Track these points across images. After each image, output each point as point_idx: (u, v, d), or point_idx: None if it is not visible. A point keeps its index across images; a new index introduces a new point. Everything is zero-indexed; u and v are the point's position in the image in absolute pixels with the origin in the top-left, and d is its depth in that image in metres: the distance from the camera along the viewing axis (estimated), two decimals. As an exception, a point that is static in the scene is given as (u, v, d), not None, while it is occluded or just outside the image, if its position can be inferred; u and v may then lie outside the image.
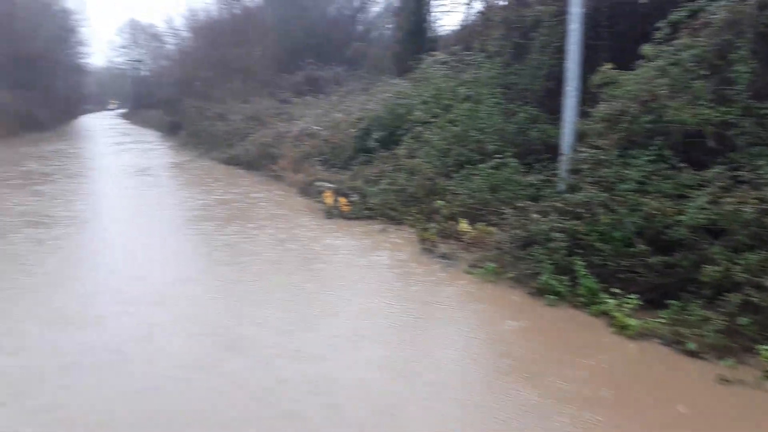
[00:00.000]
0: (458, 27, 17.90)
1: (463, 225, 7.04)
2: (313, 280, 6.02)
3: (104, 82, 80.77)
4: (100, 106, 78.07)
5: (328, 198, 9.04)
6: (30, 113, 29.68)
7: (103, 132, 32.81)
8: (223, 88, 21.82)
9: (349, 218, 8.55)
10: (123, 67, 72.30)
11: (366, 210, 8.60)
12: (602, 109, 6.54)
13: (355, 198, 8.90)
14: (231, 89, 21.53)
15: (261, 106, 17.75)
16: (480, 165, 7.75)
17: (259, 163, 13.49)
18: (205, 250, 7.28)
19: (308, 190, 10.44)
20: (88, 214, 9.34)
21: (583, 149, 6.43)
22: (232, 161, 15.25)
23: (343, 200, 8.87)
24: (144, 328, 4.67)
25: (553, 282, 5.30)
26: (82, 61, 54.55)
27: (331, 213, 8.70)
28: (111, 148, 22.21)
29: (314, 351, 4.31)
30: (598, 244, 5.31)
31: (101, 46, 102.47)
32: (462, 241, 6.95)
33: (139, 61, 63.89)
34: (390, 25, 24.90)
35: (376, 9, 26.51)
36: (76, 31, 48.88)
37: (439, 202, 7.61)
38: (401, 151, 9.67)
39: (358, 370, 4.05)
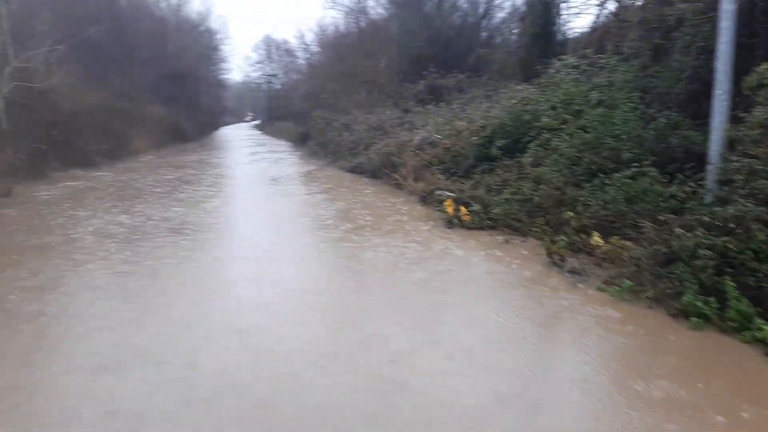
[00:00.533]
0: (589, 29, 17.13)
1: (596, 238, 6.66)
2: (433, 292, 5.88)
3: (241, 95, 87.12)
4: (237, 118, 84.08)
5: (449, 207, 8.93)
6: (177, 126, 32.68)
7: (240, 142, 35.03)
8: (349, 99, 22.58)
9: (470, 228, 8.39)
10: (258, 81, 77.42)
11: (488, 220, 8.40)
12: (758, 114, 5.99)
13: (476, 207, 8.71)
14: (356, 100, 22.23)
15: (384, 116, 18.06)
16: (614, 174, 7.28)
17: (381, 171, 13.71)
18: (332, 257, 7.33)
19: (429, 199, 10.41)
20: (225, 221, 9.84)
21: (736, 158, 5.87)
22: (357, 170, 15.65)
23: (464, 209, 8.72)
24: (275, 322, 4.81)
25: (699, 303, 4.85)
26: (223, 76, 59.13)
27: (452, 222, 8.58)
28: (247, 157, 23.56)
29: (430, 367, 4.14)
30: (752, 264, 4.82)
31: (239, 62, 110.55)
32: (594, 256, 6.55)
33: (272, 75, 68.07)
34: (515, 30, 24.41)
35: (500, 15, 26.17)
36: (219, 49, 53.06)
37: (568, 213, 7.22)
38: (526, 159, 9.35)
39: (476, 397, 3.77)
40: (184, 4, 45.75)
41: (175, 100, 37.30)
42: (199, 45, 46.72)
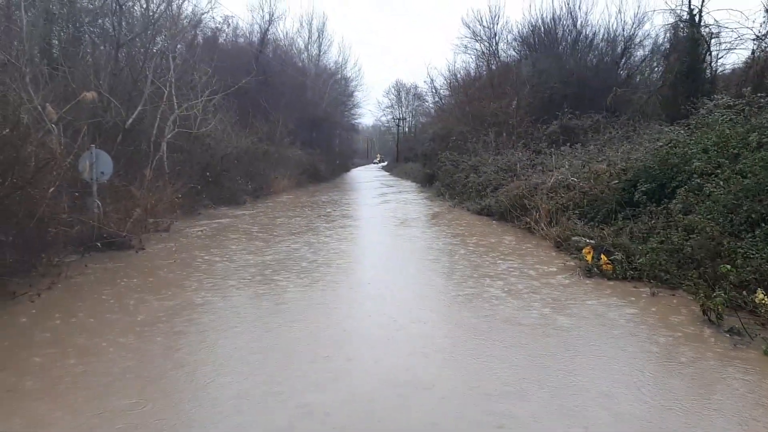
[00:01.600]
0: (743, 65, 15.79)
1: (761, 296, 5.98)
2: (565, 349, 5.39)
3: (371, 138, 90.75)
4: (366, 159, 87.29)
5: (588, 255, 8.52)
6: (313, 167, 34.58)
7: (369, 183, 36.19)
8: (477, 141, 22.61)
9: (612, 279, 7.88)
10: (387, 124, 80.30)
11: (631, 270, 7.86)
12: None
13: (618, 256, 8.17)
14: (485, 142, 22.22)
15: (514, 157, 17.81)
16: (781, 225, 6.71)
17: (511, 214, 13.43)
18: (458, 301, 7.02)
19: (564, 245, 10.03)
20: (355, 262, 9.92)
21: None
22: (484, 212, 15.51)
23: (604, 258, 8.24)
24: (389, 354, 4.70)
25: None
26: (355, 121, 61.90)
27: (591, 271, 8.13)
28: (375, 198, 24.06)
29: None
30: None
31: (370, 107, 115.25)
32: (759, 316, 5.91)
33: (401, 119, 70.24)
34: (658, 68, 23.14)
35: (640, 53, 24.97)
36: (353, 96, 55.82)
37: (726, 266, 6.49)
38: (675, 205, 8.71)
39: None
40: (323, 54, 49.19)
41: (312, 143, 39.85)
42: (335, 92, 49.59)
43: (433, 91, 40.75)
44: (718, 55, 18.12)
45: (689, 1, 17.60)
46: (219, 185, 18.55)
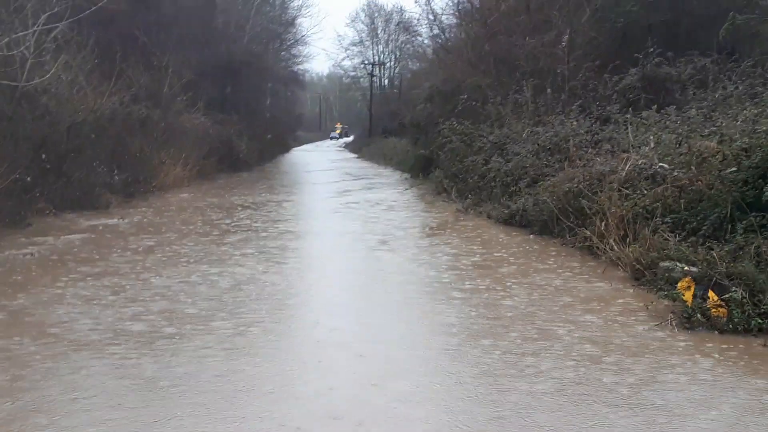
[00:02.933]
0: None
1: None
2: None
3: (326, 96, 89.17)
4: (320, 132, 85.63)
5: (687, 292, 7.97)
6: (228, 146, 31.03)
7: (322, 174, 33.49)
8: (504, 101, 20.76)
9: (726, 331, 7.41)
10: (354, 74, 77.66)
11: (759, 317, 7.48)
12: None
13: (736, 294, 7.70)
14: (516, 103, 20.29)
15: (565, 129, 16.71)
16: None
17: (559, 224, 12.91)
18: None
19: (647, 274, 9.36)
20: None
21: None
22: (514, 220, 14.58)
23: (713, 297, 7.73)
24: None
25: None
26: (299, 68, 57.86)
27: (692, 318, 7.61)
28: (332, 199, 21.92)
29: None
30: None
31: (325, 44, 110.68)
32: None
33: (378, 64, 68.17)
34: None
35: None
36: (295, 25, 46.77)
37: None
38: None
39: None
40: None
41: (226, 105, 34.89)
42: (264, 18, 43.28)
43: (431, 18, 34.36)
44: None
45: None
46: (64, 176, 16.51)
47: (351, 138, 76.98)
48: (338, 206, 20.48)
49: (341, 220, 17.62)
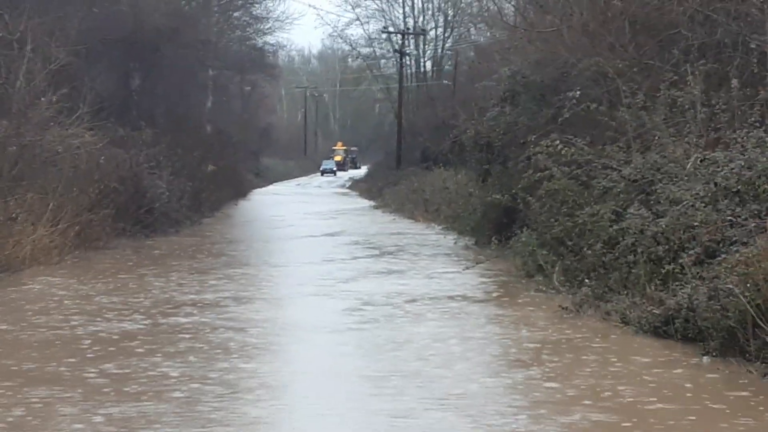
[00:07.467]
0: None
1: None
2: None
3: (319, 93, 51.08)
4: (307, 160, 51.27)
5: None
6: (135, 185, 21.45)
7: (313, 246, 23.39)
8: (650, 105, 14.54)
9: None
10: (367, 52, 46.61)
11: None
12: None
13: None
14: (673, 107, 14.11)
15: (767, 156, 11.09)
16: None
17: (758, 336, 9.05)
18: None
19: None
20: None
21: None
22: (667, 328, 10.25)
23: None
24: None
25: None
26: (271, 42, 35.89)
27: None
28: (336, 304, 14.09)
29: None
30: None
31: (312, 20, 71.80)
32: None
33: (409, 33, 40.47)
34: None
35: None
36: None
37: None
38: None
39: None
40: None
41: (131, 112, 24.47)
42: None
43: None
44: None
45: None
46: None
47: (362, 169, 53.45)
48: (344, 323, 12.87)
49: (354, 362, 10.17)
